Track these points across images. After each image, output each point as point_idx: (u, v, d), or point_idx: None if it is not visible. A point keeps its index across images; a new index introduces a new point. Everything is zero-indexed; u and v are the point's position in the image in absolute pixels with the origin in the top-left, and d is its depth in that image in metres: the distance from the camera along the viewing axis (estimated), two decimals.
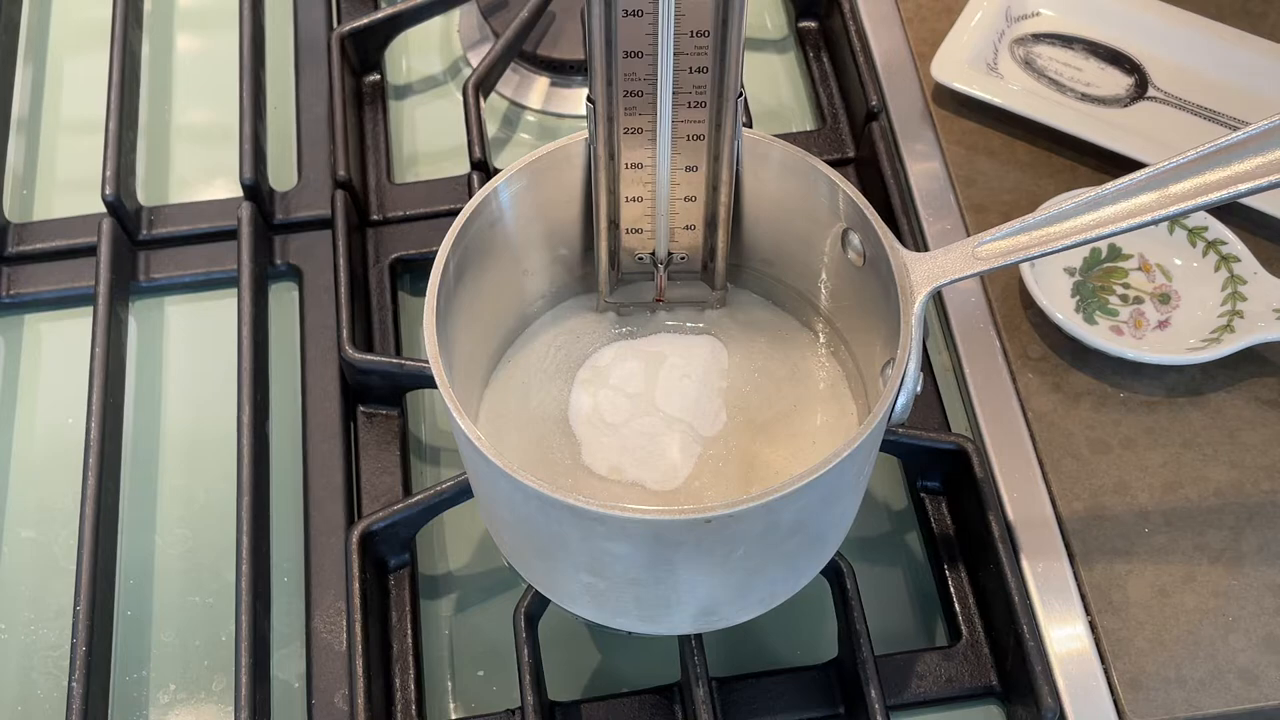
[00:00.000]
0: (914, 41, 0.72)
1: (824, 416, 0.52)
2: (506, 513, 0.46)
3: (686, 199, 0.50)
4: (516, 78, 0.74)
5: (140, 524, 0.60)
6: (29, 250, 0.67)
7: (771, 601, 0.49)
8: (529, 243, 0.51)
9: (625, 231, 0.51)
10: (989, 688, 0.54)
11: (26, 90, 0.75)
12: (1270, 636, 0.54)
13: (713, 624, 0.49)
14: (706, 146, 0.48)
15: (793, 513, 0.42)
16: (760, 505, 0.40)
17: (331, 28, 0.74)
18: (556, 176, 0.50)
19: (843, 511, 0.48)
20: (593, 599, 0.47)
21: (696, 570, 0.44)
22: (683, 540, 0.41)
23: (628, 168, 0.49)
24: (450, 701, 0.55)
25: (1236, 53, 0.70)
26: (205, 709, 0.55)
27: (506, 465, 0.41)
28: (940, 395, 0.61)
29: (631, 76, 0.46)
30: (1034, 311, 0.62)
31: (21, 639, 0.57)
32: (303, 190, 0.69)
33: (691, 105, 0.47)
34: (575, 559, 0.45)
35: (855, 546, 0.57)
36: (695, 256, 0.53)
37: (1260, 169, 0.42)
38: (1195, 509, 0.57)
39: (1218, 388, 0.60)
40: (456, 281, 0.47)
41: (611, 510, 0.40)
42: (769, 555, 0.45)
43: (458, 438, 0.44)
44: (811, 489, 0.41)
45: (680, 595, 0.46)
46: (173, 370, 0.65)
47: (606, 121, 0.47)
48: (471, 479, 0.50)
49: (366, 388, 0.61)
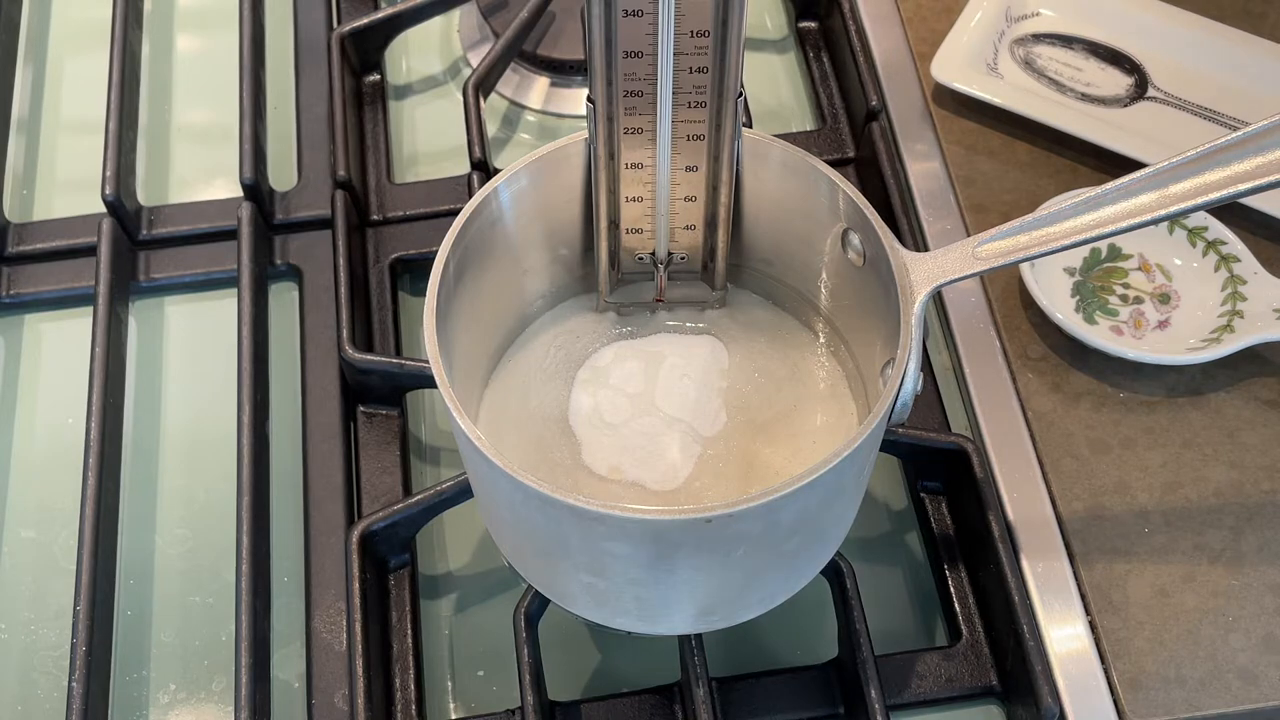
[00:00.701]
0: (914, 41, 0.72)
1: (824, 416, 0.52)
2: (506, 513, 0.46)
3: (686, 199, 0.50)
4: (516, 78, 0.74)
5: (140, 524, 0.60)
6: (29, 250, 0.67)
7: (771, 601, 0.49)
8: (529, 243, 0.51)
9: (625, 231, 0.51)
10: (989, 688, 0.54)
11: (26, 90, 0.75)
12: (1270, 636, 0.54)
13: (713, 624, 0.49)
14: (706, 146, 0.48)
15: (793, 513, 0.42)
16: (760, 505, 0.40)
17: (331, 28, 0.74)
18: (556, 176, 0.50)
19: (843, 511, 0.48)
20: (593, 599, 0.47)
21: (696, 570, 0.44)
22: (683, 540, 0.41)
23: (628, 168, 0.49)
24: (450, 701, 0.55)
25: (1236, 53, 0.70)
26: (205, 709, 0.55)
27: (506, 465, 0.41)
28: (940, 395, 0.61)
29: (631, 76, 0.46)
30: (1034, 311, 0.62)
31: (21, 639, 0.57)
32: (303, 190, 0.69)
33: (691, 105, 0.47)
34: (575, 559, 0.45)
35: (855, 546, 0.57)
36: (695, 256, 0.53)
37: (1260, 169, 0.42)
38: (1195, 509, 0.57)
39: (1218, 388, 0.60)
40: (456, 281, 0.47)
41: (611, 510, 0.40)
42: (769, 555, 0.45)
43: (458, 438, 0.44)
44: (811, 489, 0.41)
45: (680, 595, 0.46)
46: (173, 370, 0.65)
47: (606, 121, 0.47)
48: (471, 479, 0.50)
49: (366, 388, 0.61)
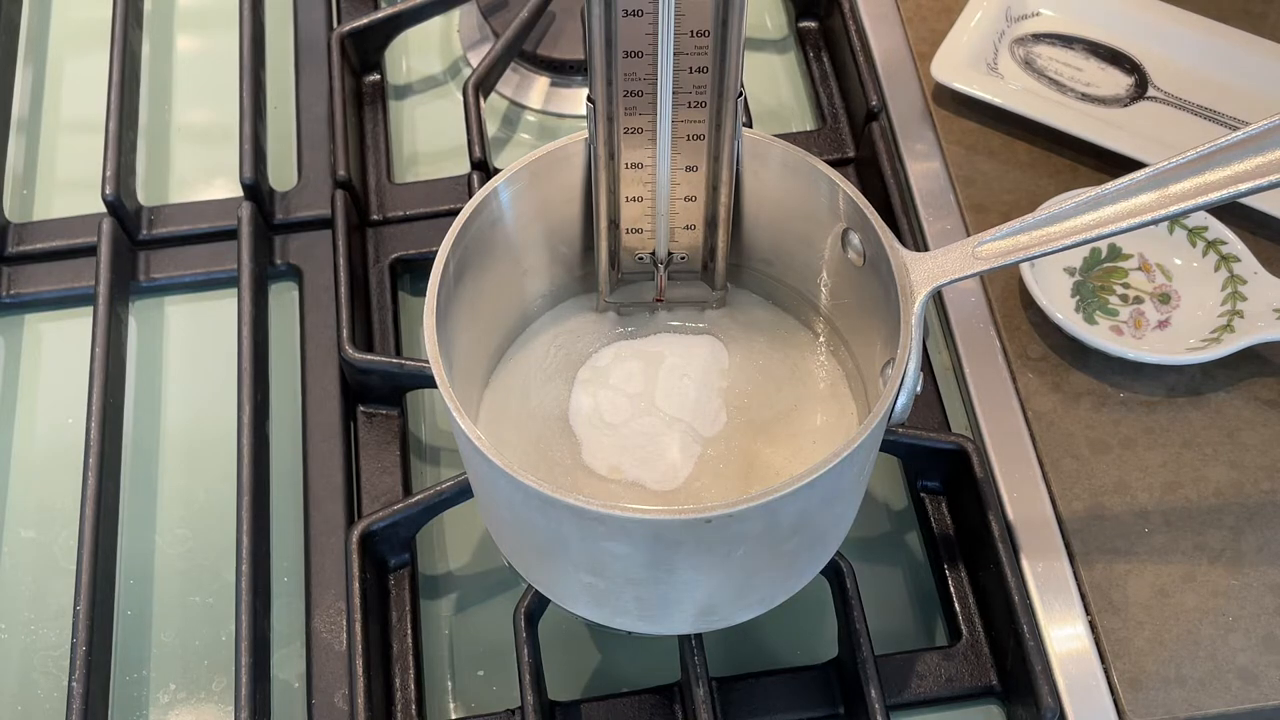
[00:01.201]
0: (914, 41, 0.72)
1: (824, 416, 0.52)
2: (506, 513, 0.46)
3: (686, 199, 0.50)
4: (516, 78, 0.74)
5: (140, 524, 0.60)
6: (29, 250, 0.67)
7: (772, 601, 0.49)
8: (529, 242, 0.51)
9: (625, 231, 0.51)
10: (989, 688, 0.54)
11: (26, 90, 0.75)
12: (1270, 636, 0.54)
13: (713, 624, 0.49)
14: (706, 146, 0.48)
15: (793, 513, 0.42)
16: (760, 505, 0.40)
17: (331, 28, 0.74)
18: (556, 176, 0.50)
19: (843, 511, 0.48)
20: (593, 599, 0.47)
21: (697, 570, 0.44)
22: (683, 540, 0.41)
23: (628, 168, 0.49)
24: (450, 701, 0.55)
25: (1236, 53, 0.70)
26: (205, 709, 0.55)
27: (506, 465, 0.41)
28: (940, 395, 0.61)
29: (631, 76, 0.46)
30: (1034, 311, 0.62)
31: (21, 639, 0.57)
32: (303, 190, 0.69)
33: (691, 105, 0.47)
34: (575, 559, 0.45)
35: (855, 546, 0.57)
36: (695, 256, 0.53)
37: (1260, 169, 0.42)
38: (1195, 509, 0.57)
39: (1218, 388, 0.60)
40: (456, 281, 0.47)
41: (612, 510, 0.40)
42: (769, 555, 0.45)
43: (458, 437, 0.44)
44: (812, 489, 0.41)
45: (680, 595, 0.46)
46: (173, 370, 0.65)
47: (606, 121, 0.47)
48: (471, 479, 0.50)
49: (366, 388, 0.61)
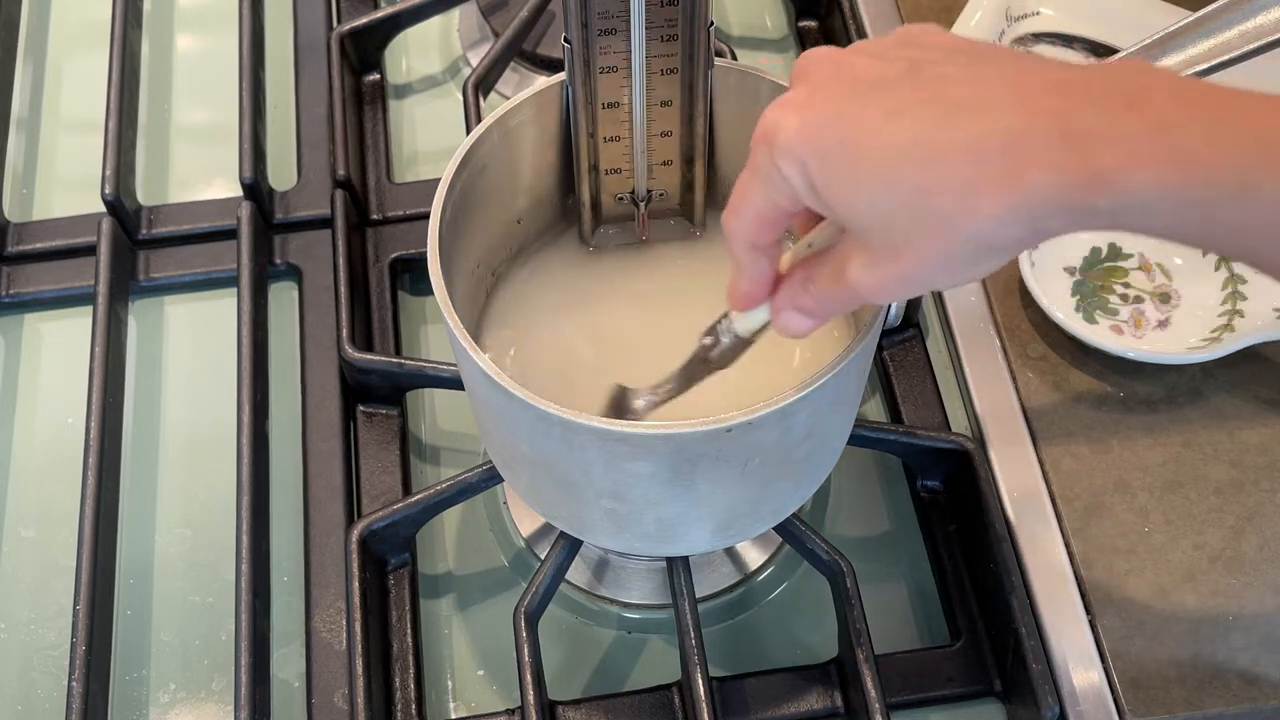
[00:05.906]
0: None
1: (814, 337, 0.53)
2: (526, 446, 0.46)
3: (663, 134, 0.52)
4: (516, 77, 0.74)
5: (140, 524, 0.60)
6: (29, 250, 0.67)
7: (783, 512, 0.51)
8: (518, 186, 0.53)
9: (605, 172, 0.53)
10: (989, 688, 0.54)
11: (26, 90, 0.75)
12: (1270, 636, 0.54)
13: (729, 539, 0.50)
14: (680, 80, 0.50)
15: (804, 418, 0.44)
16: (776, 410, 0.42)
17: (331, 27, 0.74)
18: (545, 117, 0.51)
19: (844, 419, 0.50)
20: (613, 524, 0.48)
21: (714, 484, 0.45)
22: (703, 453, 0.43)
23: (605, 107, 0.50)
24: (450, 701, 0.55)
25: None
26: (205, 709, 0.55)
27: (529, 396, 0.42)
28: (940, 395, 0.61)
29: (605, 15, 0.47)
30: (1034, 311, 0.62)
31: (21, 639, 0.57)
32: (302, 190, 0.69)
33: (664, 39, 0.48)
34: (597, 485, 0.46)
35: (855, 546, 0.57)
36: (674, 193, 0.54)
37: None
38: (1195, 509, 0.57)
39: (1218, 387, 0.60)
40: (450, 230, 0.48)
41: (635, 429, 0.41)
42: (780, 464, 0.46)
43: (471, 380, 0.45)
44: (821, 392, 0.43)
45: (699, 512, 0.47)
46: (173, 370, 0.65)
47: (584, 64, 0.48)
48: (485, 421, 0.50)
49: (366, 387, 0.61)
